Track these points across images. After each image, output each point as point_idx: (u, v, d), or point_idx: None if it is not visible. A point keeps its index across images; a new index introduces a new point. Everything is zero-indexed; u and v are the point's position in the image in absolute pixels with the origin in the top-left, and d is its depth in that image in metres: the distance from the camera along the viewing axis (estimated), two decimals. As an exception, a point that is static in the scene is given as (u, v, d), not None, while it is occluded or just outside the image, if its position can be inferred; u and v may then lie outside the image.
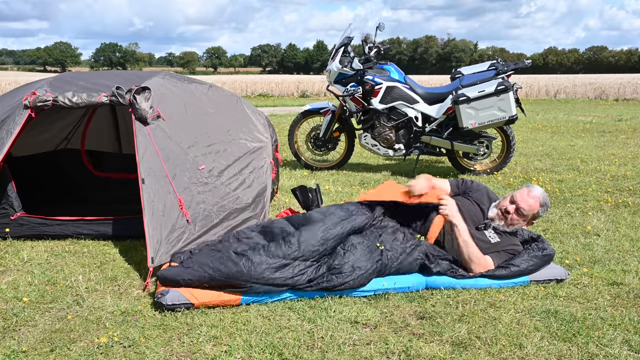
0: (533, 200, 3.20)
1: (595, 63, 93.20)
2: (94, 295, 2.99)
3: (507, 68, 6.07)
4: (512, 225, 3.23)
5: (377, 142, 6.39)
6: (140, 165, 3.38)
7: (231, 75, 53.02)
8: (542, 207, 3.23)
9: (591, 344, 2.47)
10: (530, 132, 10.70)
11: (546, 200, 3.25)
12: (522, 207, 3.18)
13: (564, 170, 6.69)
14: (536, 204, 3.20)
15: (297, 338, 2.51)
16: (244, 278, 2.80)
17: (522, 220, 3.23)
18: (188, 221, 3.37)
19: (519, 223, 3.24)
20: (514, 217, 3.20)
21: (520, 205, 3.18)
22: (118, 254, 3.65)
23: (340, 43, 6.48)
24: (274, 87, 25.74)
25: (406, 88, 6.33)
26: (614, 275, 3.27)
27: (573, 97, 24.16)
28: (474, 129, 6.02)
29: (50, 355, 2.37)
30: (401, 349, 2.42)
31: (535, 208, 3.21)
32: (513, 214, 3.20)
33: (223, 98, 4.47)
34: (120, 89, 3.58)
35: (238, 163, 3.86)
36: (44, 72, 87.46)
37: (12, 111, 3.70)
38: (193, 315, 2.73)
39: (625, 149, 8.48)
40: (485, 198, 3.38)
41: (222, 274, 2.81)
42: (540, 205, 3.22)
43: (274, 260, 2.86)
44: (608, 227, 4.27)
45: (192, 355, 2.38)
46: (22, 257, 3.56)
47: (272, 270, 2.83)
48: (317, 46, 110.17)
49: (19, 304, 2.87)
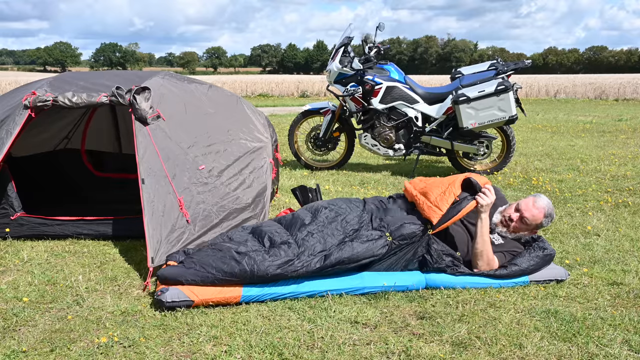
0: (537, 211, 3.18)
1: (595, 63, 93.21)
2: (94, 295, 2.99)
3: (507, 68, 6.07)
4: (514, 233, 3.23)
5: (377, 142, 6.39)
6: (140, 165, 3.38)
7: (231, 75, 53.03)
8: (546, 218, 3.20)
9: (591, 344, 2.47)
10: (530, 132, 10.70)
11: (551, 212, 3.22)
12: (526, 216, 3.17)
13: (564, 170, 6.69)
14: (540, 214, 3.18)
15: (297, 338, 2.51)
16: (248, 276, 2.83)
17: (525, 230, 3.22)
18: (188, 221, 3.37)
19: (521, 232, 3.23)
20: (517, 225, 3.20)
21: (525, 215, 3.17)
22: (118, 254, 3.64)
23: (340, 43, 6.48)
24: (274, 87, 25.75)
25: (406, 88, 6.33)
26: (614, 275, 3.27)
27: (573, 97, 24.16)
28: (474, 129, 6.02)
29: (50, 355, 2.37)
30: (401, 349, 2.42)
31: (539, 218, 3.19)
32: (516, 223, 3.19)
33: (223, 98, 4.47)
34: (120, 89, 3.58)
35: (238, 163, 3.86)
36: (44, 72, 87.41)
37: (12, 111, 3.70)
38: (193, 315, 2.73)
39: (625, 149, 8.48)
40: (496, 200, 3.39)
41: (225, 274, 2.83)
42: (545, 216, 3.19)
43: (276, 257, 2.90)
44: (608, 227, 4.27)
45: (192, 355, 2.38)
46: (22, 257, 3.56)
47: (274, 267, 2.86)
48: (317, 46, 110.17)
49: (19, 304, 2.87)
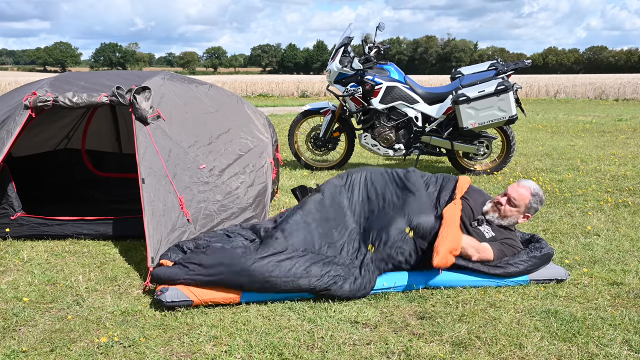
0: (523, 189, 3.26)
1: (595, 63, 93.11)
2: (94, 295, 2.99)
3: (507, 68, 6.07)
4: (506, 217, 3.26)
5: (377, 142, 6.39)
6: (140, 164, 3.38)
7: (231, 75, 53.00)
8: (533, 197, 3.26)
9: (591, 344, 2.47)
10: (530, 132, 10.70)
11: (538, 191, 3.29)
12: (513, 196, 3.24)
13: (564, 170, 6.69)
14: (527, 192, 3.25)
15: (297, 338, 2.51)
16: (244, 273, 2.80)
17: (516, 212, 3.26)
18: (189, 220, 3.37)
19: (512, 214, 3.26)
20: (506, 208, 3.25)
21: (511, 195, 3.24)
22: (118, 253, 3.64)
23: (340, 43, 6.48)
24: (274, 87, 25.73)
25: (406, 88, 6.33)
26: (614, 275, 3.27)
27: (573, 97, 24.15)
28: (474, 129, 6.02)
29: (50, 355, 2.37)
30: (401, 349, 2.42)
31: (527, 197, 3.25)
32: (505, 205, 3.25)
33: (223, 98, 4.47)
34: (120, 89, 3.58)
35: (238, 162, 3.86)
36: (44, 72, 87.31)
37: (13, 111, 3.70)
38: (193, 315, 2.73)
39: (625, 148, 8.48)
40: (481, 198, 3.41)
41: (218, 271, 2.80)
42: (532, 195, 3.25)
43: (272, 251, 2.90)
44: (608, 227, 4.27)
45: (192, 355, 2.38)
46: (22, 257, 3.55)
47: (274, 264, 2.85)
48: (317, 46, 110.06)
49: (19, 304, 2.87)
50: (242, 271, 2.78)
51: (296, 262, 2.85)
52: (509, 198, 3.25)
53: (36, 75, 41.65)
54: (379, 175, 3.41)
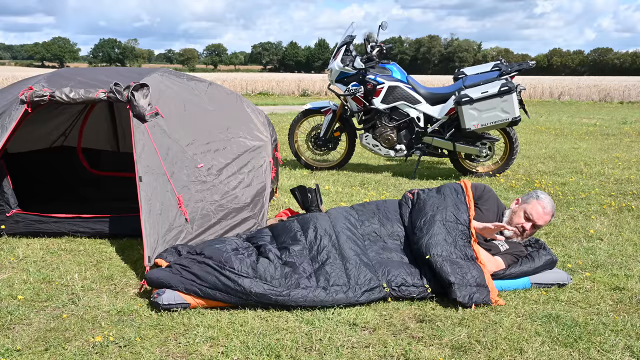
0: (549, 216, 3.32)
1: (600, 65, 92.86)
2: (89, 294, 2.96)
3: (510, 69, 6.02)
4: (526, 238, 3.34)
5: (379, 143, 6.35)
6: (137, 162, 3.35)
7: (231, 73, 53.01)
8: (553, 217, 3.39)
9: (593, 349, 2.43)
10: (534, 134, 10.66)
11: (554, 208, 3.36)
12: (540, 224, 3.30)
13: (567, 173, 6.64)
14: (550, 217, 3.33)
15: (295, 340, 2.48)
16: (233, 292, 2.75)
17: (536, 231, 3.37)
18: (187, 219, 3.34)
19: (531, 235, 3.38)
20: (529, 232, 3.31)
21: (538, 223, 3.29)
22: (114, 252, 3.61)
23: (342, 42, 6.44)
24: (275, 86, 25.68)
25: (408, 88, 6.29)
26: (616, 280, 3.23)
27: (577, 99, 24.11)
28: (476, 130, 5.97)
29: (45, 354, 2.34)
30: (400, 352, 2.39)
31: (549, 221, 3.37)
32: (529, 230, 3.29)
33: (223, 96, 4.43)
34: (118, 85, 3.54)
35: (237, 162, 3.82)
36: (41, 67, 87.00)
37: (9, 106, 3.66)
38: (190, 316, 2.69)
39: (629, 152, 8.43)
40: (495, 207, 3.41)
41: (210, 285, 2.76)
42: (552, 216, 3.36)
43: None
44: (611, 231, 4.23)
45: (188, 356, 2.35)
46: (18, 255, 3.52)
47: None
48: (319, 44, 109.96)
49: (14, 302, 2.84)
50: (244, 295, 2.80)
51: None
52: (535, 225, 3.27)
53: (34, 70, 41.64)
54: None
